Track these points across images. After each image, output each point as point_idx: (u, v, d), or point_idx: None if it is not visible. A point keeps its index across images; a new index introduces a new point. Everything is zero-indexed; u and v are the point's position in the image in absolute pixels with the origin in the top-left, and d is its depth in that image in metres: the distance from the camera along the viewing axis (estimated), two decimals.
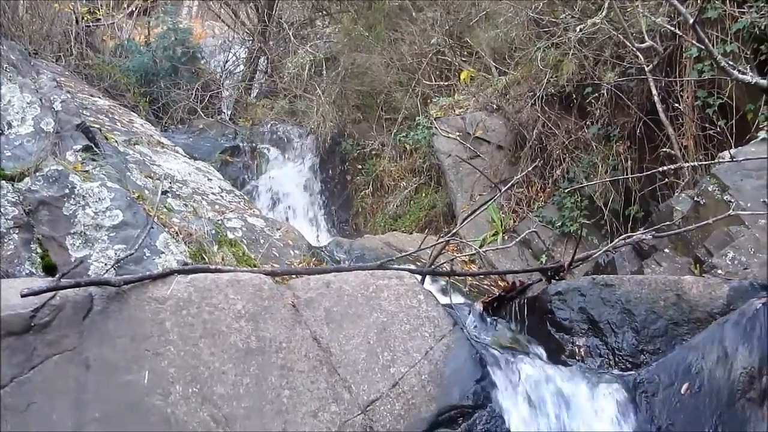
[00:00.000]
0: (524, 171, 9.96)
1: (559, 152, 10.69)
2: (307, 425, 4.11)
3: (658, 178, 9.15)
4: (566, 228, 10.13)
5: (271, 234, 8.10)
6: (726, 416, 4.19)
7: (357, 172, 14.07)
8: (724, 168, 7.37)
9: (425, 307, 4.53)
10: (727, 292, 5.08)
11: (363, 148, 14.01)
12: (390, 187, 13.23)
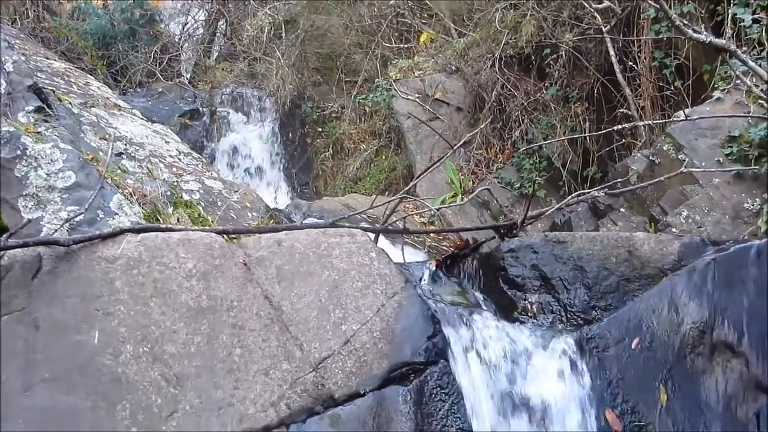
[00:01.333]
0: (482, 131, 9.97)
1: (517, 114, 10.70)
2: (258, 383, 4.10)
3: (616, 138, 9.19)
4: (525, 189, 10.16)
5: (228, 196, 8.04)
6: (676, 370, 4.21)
7: (317, 135, 14.04)
8: (679, 127, 7.41)
9: (377, 265, 4.51)
10: (678, 248, 5.09)
11: (323, 110, 13.98)
12: (350, 150, 13.21)
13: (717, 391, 4.09)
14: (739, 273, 4.25)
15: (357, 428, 4.03)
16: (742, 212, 6.78)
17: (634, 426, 4.16)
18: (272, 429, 4.04)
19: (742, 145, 7.01)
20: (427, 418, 4.10)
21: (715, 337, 4.16)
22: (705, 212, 6.76)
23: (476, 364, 4.31)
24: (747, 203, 6.81)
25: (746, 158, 6.93)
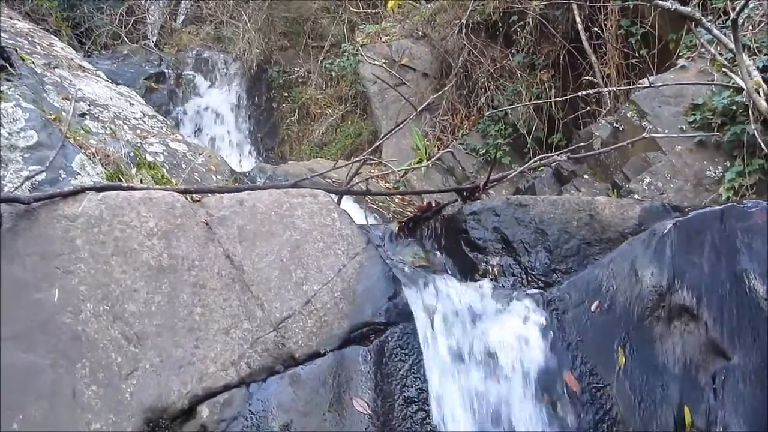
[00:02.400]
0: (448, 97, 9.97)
1: (484, 80, 10.71)
2: (219, 342, 4.09)
3: (581, 106, 9.22)
4: (490, 155, 10.19)
5: (193, 159, 8.02)
6: (634, 333, 4.24)
7: (283, 100, 14.00)
8: (643, 95, 7.44)
9: (339, 225, 4.50)
10: (639, 212, 5.12)
11: (289, 75, 13.94)
12: (316, 115, 13.20)
13: (675, 354, 4.13)
14: (698, 238, 4.28)
15: (317, 387, 4.03)
16: (704, 179, 6.83)
17: (593, 388, 4.19)
18: (232, 388, 4.03)
19: (706, 113, 7.05)
20: (387, 378, 4.11)
21: (674, 301, 4.19)
22: (667, 179, 6.80)
23: (437, 325, 4.32)
24: (709, 171, 6.86)
25: (709, 126, 6.98)
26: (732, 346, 4.01)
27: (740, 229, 4.25)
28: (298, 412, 3.98)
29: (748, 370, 3.94)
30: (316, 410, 3.99)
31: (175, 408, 3.95)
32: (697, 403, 3.99)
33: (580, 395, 4.17)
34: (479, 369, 4.22)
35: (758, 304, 4.02)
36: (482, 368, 4.22)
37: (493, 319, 4.41)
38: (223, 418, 3.95)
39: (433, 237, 5.44)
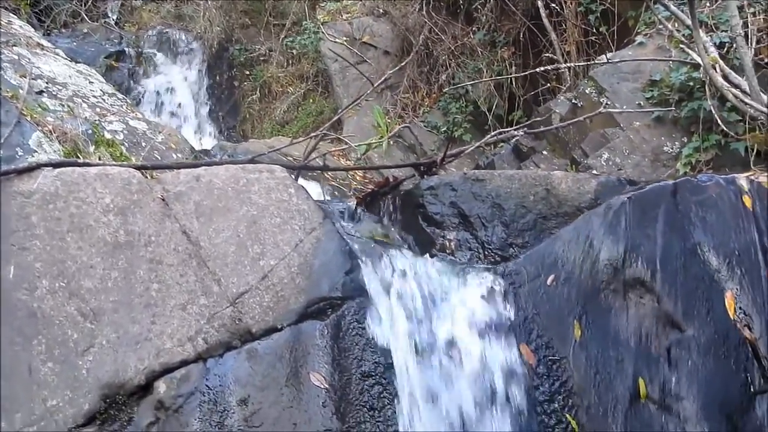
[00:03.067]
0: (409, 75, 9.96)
1: (445, 58, 10.69)
2: (175, 318, 4.08)
3: (541, 83, 9.24)
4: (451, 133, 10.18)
5: (153, 137, 7.96)
6: (589, 306, 4.28)
7: (245, 78, 13.92)
8: (602, 71, 7.48)
9: (296, 201, 4.49)
10: (595, 187, 5.16)
11: (251, 53, 13.86)
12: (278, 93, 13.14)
13: (630, 326, 4.17)
14: (653, 211, 4.32)
15: (274, 362, 4.04)
16: (661, 155, 6.87)
17: (549, 360, 4.23)
18: (189, 363, 4.03)
19: (663, 89, 7.09)
20: (344, 352, 4.13)
21: (629, 274, 4.23)
22: (625, 155, 6.84)
23: (394, 298, 4.34)
24: (666, 146, 6.90)
25: (666, 102, 7.02)
26: (686, 319, 4.05)
27: (694, 202, 4.29)
28: (255, 387, 3.99)
29: (701, 342, 3.99)
30: (273, 385, 4.00)
31: (132, 384, 3.95)
32: (651, 374, 4.03)
33: (536, 367, 4.20)
34: (435, 342, 4.24)
35: (712, 276, 4.07)
36: (438, 341, 4.25)
37: (449, 293, 4.43)
38: (180, 394, 3.96)
39: (390, 212, 5.46)
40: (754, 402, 3.89)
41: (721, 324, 4.00)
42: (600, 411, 4.06)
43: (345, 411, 4.00)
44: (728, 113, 6.55)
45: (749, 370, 3.92)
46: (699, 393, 3.91)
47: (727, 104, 6.51)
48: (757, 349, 3.95)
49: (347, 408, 4.00)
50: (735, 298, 4.04)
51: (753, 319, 3.98)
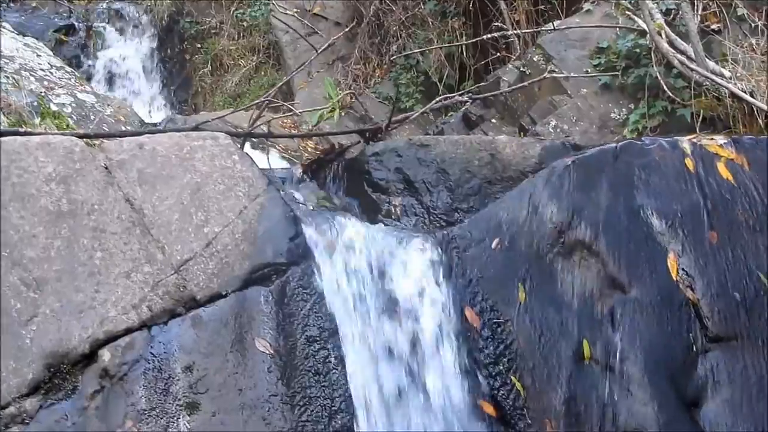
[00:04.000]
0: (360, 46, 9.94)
1: (396, 29, 10.64)
2: (120, 286, 4.06)
3: (491, 53, 9.23)
4: (402, 104, 10.14)
5: (102, 110, 7.88)
6: (535, 268, 4.31)
7: (196, 51, 13.78)
8: (549, 39, 7.48)
9: (240, 167, 4.46)
10: (540, 151, 5.19)
11: (201, 26, 13.71)
12: (229, 66, 13.03)
13: (574, 289, 4.21)
14: (596, 175, 4.36)
15: (219, 329, 4.04)
16: (609, 122, 6.89)
17: (493, 323, 4.26)
18: (134, 331, 4.02)
19: (610, 56, 7.10)
20: (289, 318, 4.13)
21: (573, 237, 4.27)
22: (573, 122, 6.86)
23: (338, 264, 4.34)
24: (614, 113, 6.92)
25: (614, 69, 7.03)
26: (629, 280, 4.10)
27: (637, 165, 4.33)
28: (200, 354, 3.99)
29: (645, 303, 4.04)
30: (218, 351, 4.00)
31: (76, 353, 3.93)
32: (595, 336, 4.08)
33: (481, 330, 4.23)
34: (381, 306, 4.25)
35: (655, 238, 4.12)
36: (384, 306, 4.26)
37: (394, 258, 4.44)
38: (124, 362, 3.95)
39: (336, 179, 5.46)
40: (697, 362, 3.95)
41: (664, 285, 4.05)
42: (545, 372, 4.10)
43: (290, 376, 4.01)
44: (674, 80, 6.58)
45: (692, 330, 3.99)
46: (642, 353, 3.96)
47: (673, 71, 6.54)
48: (699, 309, 4.01)
49: (293, 373, 4.01)
50: (678, 259, 4.09)
51: (695, 279, 4.04)
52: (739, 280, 4.04)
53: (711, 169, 4.31)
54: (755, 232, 4.16)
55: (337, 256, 4.38)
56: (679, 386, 3.91)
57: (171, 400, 3.89)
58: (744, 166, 4.35)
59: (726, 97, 6.09)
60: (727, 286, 4.03)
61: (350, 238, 4.49)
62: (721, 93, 6.13)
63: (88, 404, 3.84)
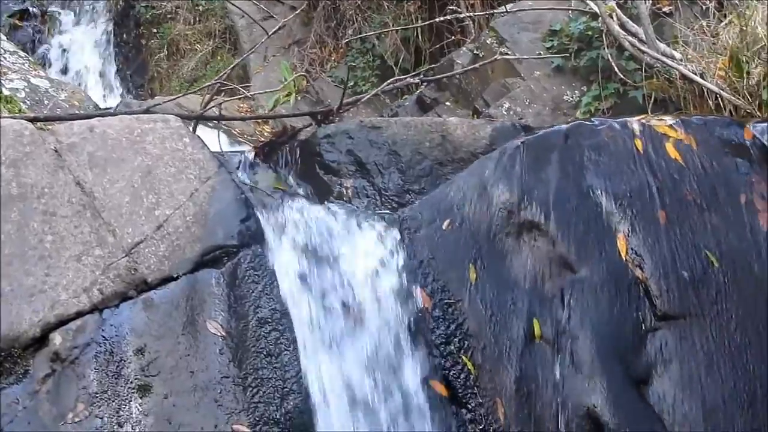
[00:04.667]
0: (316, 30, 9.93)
1: (352, 12, 10.63)
2: (70, 269, 4.03)
3: (446, 36, 9.24)
4: (359, 88, 10.13)
5: (56, 95, 7.84)
6: (485, 249, 4.33)
7: (152, 36, 13.68)
8: (503, 21, 7.52)
9: (191, 150, 4.43)
10: (490, 132, 5.20)
11: (157, 10, 13.62)
12: (186, 51, 12.95)
13: (524, 268, 4.23)
14: (546, 155, 4.38)
15: (170, 311, 4.02)
16: (561, 104, 6.94)
17: (444, 303, 4.27)
18: (85, 314, 3.98)
19: (563, 38, 7.14)
20: (240, 300, 4.12)
21: (523, 217, 4.29)
22: (526, 104, 6.89)
23: (289, 246, 4.34)
24: (567, 95, 6.97)
25: (566, 52, 7.07)
26: (579, 260, 4.13)
27: (587, 146, 4.36)
28: (151, 336, 3.97)
29: (594, 283, 4.07)
30: (169, 333, 3.98)
31: (27, 336, 3.90)
32: (545, 315, 4.11)
33: (432, 311, 4.25)
34: (332, 288, 4.26)
35: (604, 218, 4.15)
36: (335, 287, 4.27)
37: (346, 240, 4.45)
38: (75, 345, 3.92)
39: (288, 161, 5.43)
40: (646, 340, 3.99)
41: (613, 265, 4.08)
42: (495, 352, 4.12)
43: (242, 358, 4.00)
44: (626, 62, 6.63)
45: (641, 309, 4.02)
46: (592, 332, 3.99)
47: (625, 53, 6.59)
48: (648, 288, 4.05)
49: (244, 355, 4.00)
50: (627, 239, 4.12)
51: (645, 259, 4.08)
52: (688, 259, 4.08)
53: (660, 150, 4.34)
54: (703, 211, 4.20)
55: (288, 237, 4.38)
56: (628, 364, 3.94)
57: (123, 382, 3.86)
58: (692, 145, 4.39)
59: (677, 78, 6.13)
60: (676, 265, 4.06)
61: (301, 220, 4.49)
62: (672, 75, 6.17)
63: (40, 388, 3.81)
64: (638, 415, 3.85)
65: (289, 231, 4.41)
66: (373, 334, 4.17)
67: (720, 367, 3.91)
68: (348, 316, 4.20)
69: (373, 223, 4.57)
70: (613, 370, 3.91)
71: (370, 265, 4.37)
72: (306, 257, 4.34)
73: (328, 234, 4.45)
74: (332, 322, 4.20)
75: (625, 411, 3.84)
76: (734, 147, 4.47)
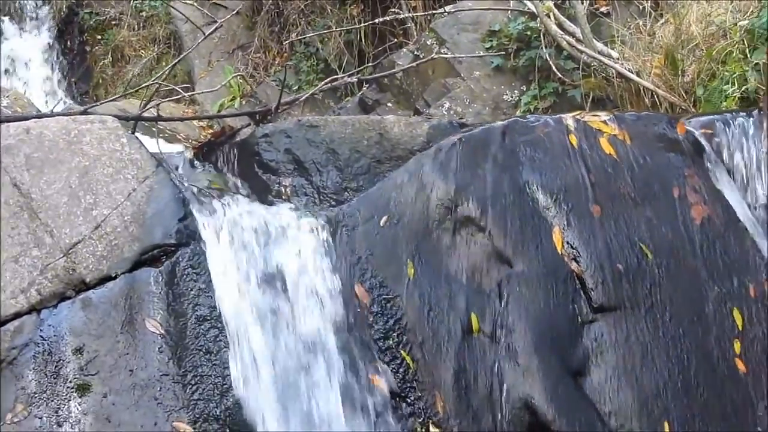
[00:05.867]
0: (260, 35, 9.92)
1: (295, 17, 10.63)
2: (8, 271, 4.01)
3: (389, 39, 9.26)
4: (303, 90, 10.12)
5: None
6: (423, 245, 4.34)
7: (96, 43, 13.58)
8: (443, 23, 7.56)
9: (128, 150, 4.42)
10: (427, 130, 5.24)
11: (101, 17, 13.53)
12: (130, 57, 12.88)
13: (462, 264, 4.25)
14: (482, 152, 4.40)
15: (109, 310, 4.01)
16: (501, 103, 6.98)
17: (383, 299, 4.28)
18: (23, 315, 3.98)
19: (502, 39, 7.19)
20: (179, 298, 4.11)
21: (460, 213, 4.31)
22: (466, 104, 6.93)
23: (227, 244, 4.33)
24: (506, 95, 7.02)
25: (506, 52, 7.13)
26: (515, 254, 4.15)
27: (522, 142, 4.39)
28: (90, 336, 3.96)
29: (531, 276, 4.10)
30: (108, 332, 3.97)
31: None
32: (483, 309, 4.12)
33: (370, 306, 4.25)
34: (269, 286, 4.26)
35: (540, 213, 4.18)
36: (273, 283, 4.26)
37: (283, 238, 4.45)
38: (14, 346, 3.90)
39: (227, 161, 5.44)
40: (582, 332, 4.02)
41: (549, 258, 4.11)
42: (434, 346, 4.13)
43: (181, 355, 3.99)
44: (564, 61, 6.71)
45: (576, 301, 4.05)
46: (529, 325, 4.01)
47: (563, 52, 6.67)
48: (584, 281, 4.08)
49: (183, 353, 4.00)
50: (562, 233, 4.16)
51: (580, 252, 4.11)
52: (622, 252, 4.12)
53: (594, 145, 4.39)
54: (637, 205, 4.25)
55: (226, 236, 4.38)
56: (564, 356, 3.96)
57: (62, 382, 3.85)
58: (626, 141, 4.44)
59: (614, 77, 6.21)
60: (611, 258, 4.10)
61: (239, 219, 4.49)
62: (610, 73, 6.25)
63: None
64: (575, 405, 3.86)
65: (227, 229, 4.40)
66: (308, 330, 4.17)
67: (655, 357, 3.95)
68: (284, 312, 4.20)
69: (312, 221, 4.57)
70: (550, 362, 3.92)
71: (308, 262, 4.37)
72: (244, 254, 4.34)
73: (266, 231, 4.45)
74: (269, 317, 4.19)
75: (561, 402, 3.85)
76: (668, 142, 4.53)
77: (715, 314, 4.09)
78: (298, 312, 4.20)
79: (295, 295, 4.24)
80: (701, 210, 4.30)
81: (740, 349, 4.04)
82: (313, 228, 4.49)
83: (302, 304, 4.21)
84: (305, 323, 4.18)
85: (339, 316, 4.21)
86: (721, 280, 4.16)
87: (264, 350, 4.07)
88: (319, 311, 4.20)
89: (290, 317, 4.18)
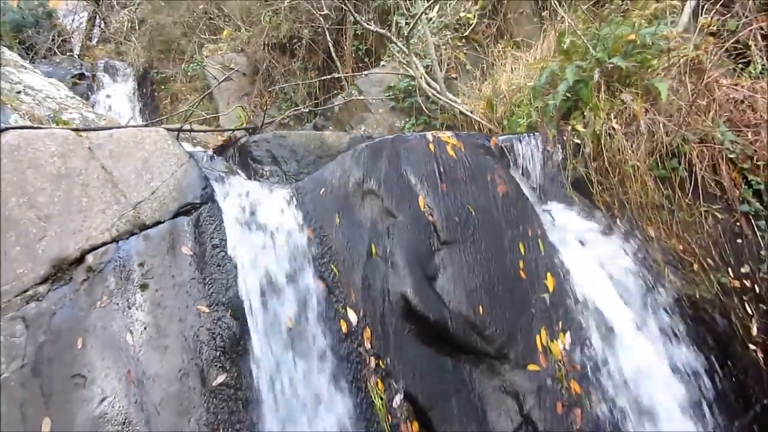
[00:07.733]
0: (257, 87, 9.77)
1: (279, 77, 10.53)
2: (98, 218, 3.93)
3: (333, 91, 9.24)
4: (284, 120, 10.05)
5: (98, 122, 7.54)
6: (344, 205, 4.35)
7: (161, 90, 13.27)
8: (362, 81, 7.56)
9: (172, 148, 4.31)
10: (349, 140, 5.27)
11: (164, 75, 13.24)
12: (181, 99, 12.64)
13: (367, 216, 4.27)
14: (380, 153, 4.42)
15: (159, 241, 3.94)
16: (394, 128, 7.01)
17: (321, 235, 4.27)
18: (108, 244, 3.88)
19: (395, 91, 7.21)
20: (202, 234, 4.05)
21: (366, 187, 4.32)
22: (374, 128, 6.95)
23: (230, 202, 4.30)
24: (398, 123, 7.04)
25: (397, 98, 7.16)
26: (397, 211, 4.18)
27: (402, 147, 4.42)
28: (148, 255, 3.89)
29: (406, 224, 4.13)
30: (159, 254, 3.91)
31: (71, 258, 3.80)
32: (378, 242, 4.15)
33: (314, 239, 4.26)
34: (258, 228, 4.24)
35: (412, 188, 4.21)
36: (260, 228, 4.24)
37: (264, 199, 4.42)
38: (101, 262, 3.83)
39: (232, 156, 5.40)
40: (434, 255, 4.07)
41: (416, 213, 4.15)
42: (350, 263, 4.14)
43: (203, 267, 3.93)
44: (430, 104, 6.76)
45: (431, 238, 4.10)
46: (404, 251, 4.04)
47: (429, 99, 6.71)
48: (435, 226, 4.13)
49: (204, 266, 3.94)
50: (424, 199, 4.20)
51: (434, 210, 4.16)
52: (458, 210, 4.18)
53: (443, 150, 4.43)
54: (467, 184, 4.32)
55: (231, 199, 4.35)
56: (424, 268, 4.01)
57: (131, 283, 3.79)
58: (461, 148, 4.49)
59: (458, 114, 6.27)
60: (451, 213, 4.16)
61: (240, 189, 4.46)
62: (456, 111, 6.30)
63: (79, 287, 3.71)
64: (431, 297, 3.92)
65: (230, 194, 4.37)
66: (281, 253, 4.16)
67: (474, 270, 4.02)
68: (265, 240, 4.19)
69: (281, 191, 4.55)
70: (416, 272, 3.97)
71: (280, 214, 4.36)
72: (240, 209, 4.31)
73: (254, 196, 4.43)
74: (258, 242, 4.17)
75: (422, 294, 3.90)
76: (485, 149, 4.60)
77: (510, 246, 4.18)
78: (276, 242, 4.19)
79: (272, 234, 4.23)
80: (503, 188, 4.38)
81: (523, 265, 4.14)
82: (282, 195, 4.48)
83: (276, 238, 4.20)
84: (278, 244, 4.17)
85: (297, 245, 4.21)
86: (513, 227, 4.25)
87: (253, 262, 4.06)
88: (285, 242, 4.20)
89: (268, 243, 4.17)
